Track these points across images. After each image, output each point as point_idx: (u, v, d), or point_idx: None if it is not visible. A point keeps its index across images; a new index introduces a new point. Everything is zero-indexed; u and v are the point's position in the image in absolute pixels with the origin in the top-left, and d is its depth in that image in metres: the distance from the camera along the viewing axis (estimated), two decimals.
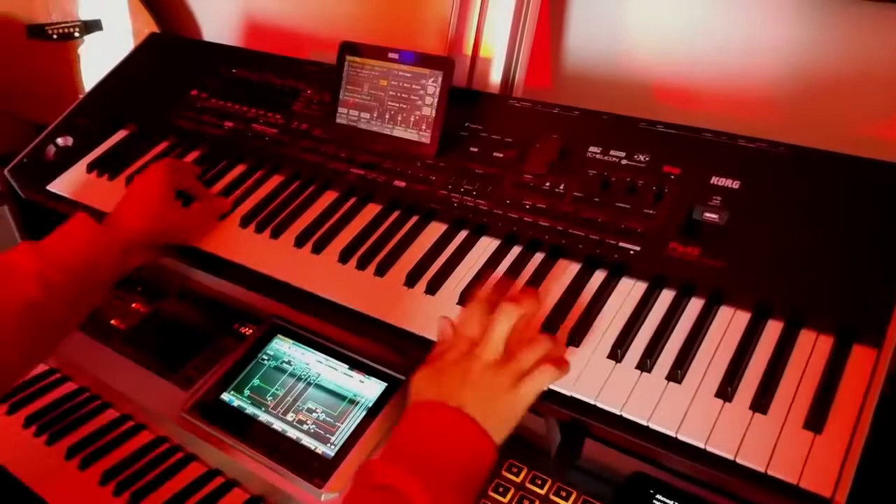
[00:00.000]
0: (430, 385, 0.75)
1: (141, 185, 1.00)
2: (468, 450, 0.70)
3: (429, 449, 0.69)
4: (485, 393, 0.72)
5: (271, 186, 1.09)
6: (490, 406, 0.72)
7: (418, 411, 0.73)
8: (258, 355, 1.07)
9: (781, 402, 0.72)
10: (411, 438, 0.71)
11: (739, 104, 1.10)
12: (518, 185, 0.96)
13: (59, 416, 1.06)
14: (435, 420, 0.72)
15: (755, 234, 0.83)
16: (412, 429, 0.72)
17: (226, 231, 1.04)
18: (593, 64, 1.23)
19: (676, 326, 0.80)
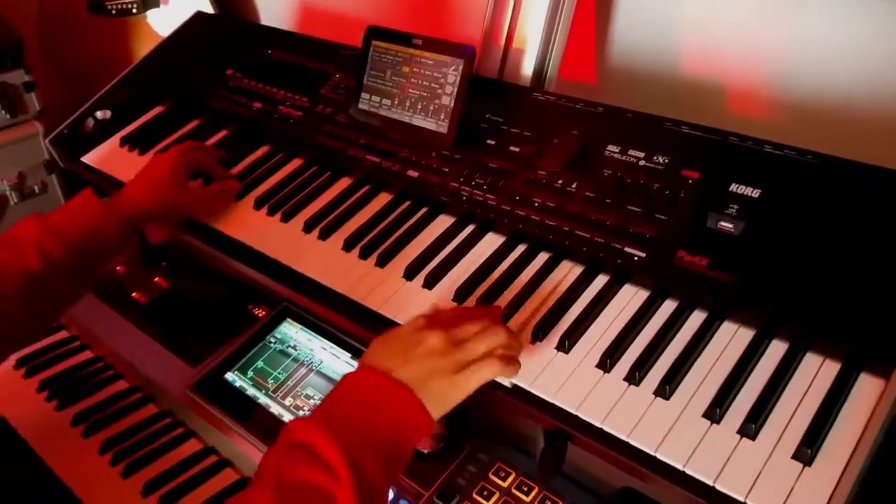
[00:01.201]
0: (376, 352, 0.75)
1: (153, 164, 1.03)
2: (391, 414, 0.69)
3: (352, 411, 0.69)
4: (423, 370, 0.72)
5: (289, 170, 1.10)
6: (426, 382, 0.71)
7: (352, 376, 0.73)
8: (266, 337, 1.09)
9: (773, 429, 0.68)
10: (339, 401, 0.71)
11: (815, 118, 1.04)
12: (530, 181, 0.94)
13: (72, 384, 1.10)
14: (365, 385, 0.71)
15: (769, 248, 0.79)
16: (343, 392, 0.72)
17: (240, 212, 1.06)
18: (639, 61, 1.19)
19: (673, 340, 0.77)
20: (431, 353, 0.73)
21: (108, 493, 0.96)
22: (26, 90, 1.54)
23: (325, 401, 0.72)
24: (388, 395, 0.70)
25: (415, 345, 0.74)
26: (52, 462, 0.98)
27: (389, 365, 0.72)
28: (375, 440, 0.67)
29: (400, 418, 0.70)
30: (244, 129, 1.19)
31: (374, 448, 0.67)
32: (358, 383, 0.72)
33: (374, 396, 0.70)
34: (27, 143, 1.57)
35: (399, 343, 0.75)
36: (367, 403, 0.70)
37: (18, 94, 1.54)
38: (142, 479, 0.96)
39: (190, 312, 1.17)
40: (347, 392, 0.71)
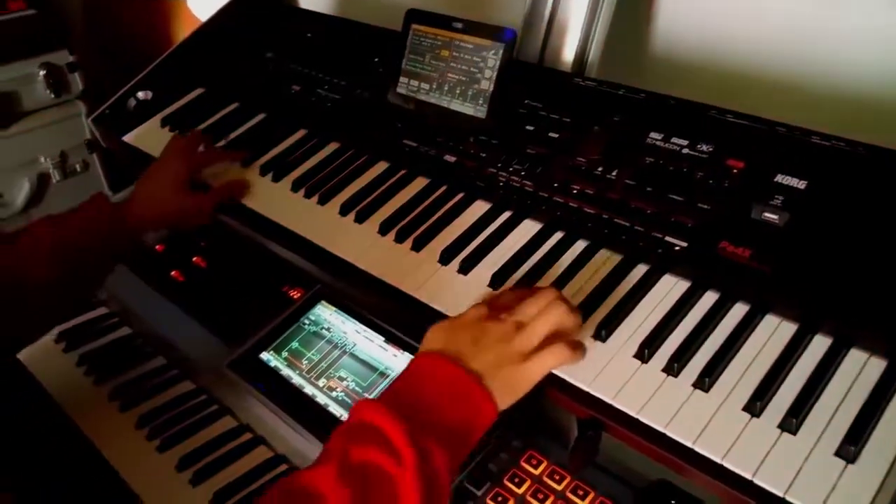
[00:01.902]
0: (441, 339, 0.74)
1: (156, 174, 1.05)
2: (462, 403, 0.69)
3: (421, 397, 0.69)
4: (494, 358, 0.71)
5: (326, 153, 1.10)
6: (497, 371, 0.71)
7: (422, 361, 0.73)
8: (301, 319, 1.09)
9: (815, 425, 0.67)
10: (408, 385, 0.71)
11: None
12: (569, 168, 0.93)
13: (111, 359, 1.12)
14: (435, 371, 0.71)
15: (815, 240, 0.77)
16: (413, 375, 0.72)
17: (278, 194, 1.06)
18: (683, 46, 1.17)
19: (714, 332, 0.76)
20: (499, 340, 0.72)
21: (144, 466, 0.97)
22: (70, 70, 1.57)
23: (394, 383, 0.71)
24: (458, 384, 0.69)
25: (482, 333, 0.73)
26: (92, 435, 1.00)
27: (460, 352, 0.71)
28: (443, 427, 0.67)
29: (468, 407, 0.69)
30: (282, 112, 1.19)
31: (441, 435, 0.66)
32: (429, 369, 0.71)
33: (445, 383, 0.70)
34: (70, 123, 1.59)
35: (466, 331, 0.74)
36: (438, 390, 0.69)
37: (62, 75, 1.56)
38: (177, 453, 0.96)
39: (226, 292, 1.18)
40: (418, 376, 0.71)
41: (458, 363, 0.70)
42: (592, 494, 0.84)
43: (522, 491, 0.86)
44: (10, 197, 1.56)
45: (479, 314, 0.75)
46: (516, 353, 0.72)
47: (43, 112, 1.58)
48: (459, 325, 0.75)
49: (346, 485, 0.61)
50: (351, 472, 0.62)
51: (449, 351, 0.72)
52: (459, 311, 0.84)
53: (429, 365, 0.72)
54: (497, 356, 0.71)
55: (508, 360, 0.71)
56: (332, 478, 0.61)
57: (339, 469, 0.62)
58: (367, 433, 0.65)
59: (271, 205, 1.04)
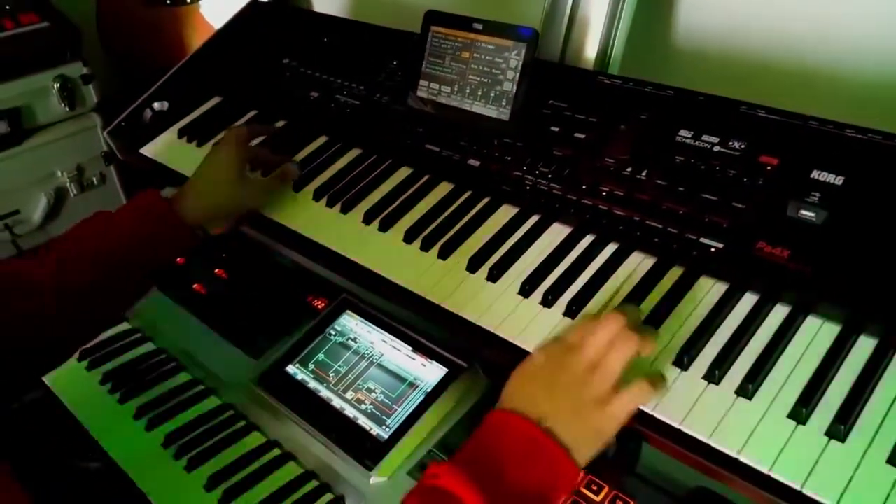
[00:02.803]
0: (520, 391, 0.71)
1: (211, 160, 1.02)
2: (540, 466, 0.66)
3: (498, 459, 0.66)
4: (570, 409, 0.68)
5: (348, 160, 1.10)
6: (574, 424, 0.68)
7: (496, 419, 0.70)
8: (326, 330, 1.09)
9: (864, 432, 0.65)
10: (486, 447, 0.68)
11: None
12: (597, 169, 0.91)
13: (135, 376, 1.11)
14: (509, 432, 0.68)
15: (855, 238, 0.75)
16: (486, 437, 0.69)
17: (299, 203, 1.06)
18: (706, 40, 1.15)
19: (754, 336, 0.74)
20: (573, 387, 0.69)
21: (172, 486, 0.96)
22: (84, 82, 1.57)
23: (470, 444, 0.69)
24: (537, 448, 0.67)
25: (554, 381, 0.70)
26: (116, 455, 0.99)
27: (533, 407, 0.68)
28: (521, 493, 0.65)
29: (546, 469, 0.67)
30: (301, 118, 1.19)
31: (523, 500, 0.65)
32: (506, 430, 0.68)
33: (520, 444, 0.67)
34: (85, 135, 1.60)
35: (538, 381, 0.71)
36: (514, 450, 0.67)
37: (76, 87, 1.57)
38: (205, 472, 0.96)
39: (250, 304, 1.18)
40: (494, 438, 0.68)
41: (534, 423, 0.67)
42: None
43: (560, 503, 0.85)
44: (27, 213, 1.57)
45: (545, 358, 0.72)
46: (593, 399, 0.68)
47: (58, 125, 1.58)
48: (533, 374, 0.72)
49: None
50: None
51: (527, 409, 0.68)
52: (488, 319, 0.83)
53: (503, 424, 0.69)
54: (574, 407, 0.68)
55: (586, 410, 0.68)
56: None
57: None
58: (444, 500, 0.63)
59: (293, 215, 1.04)
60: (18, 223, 1.56)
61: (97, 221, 0.93)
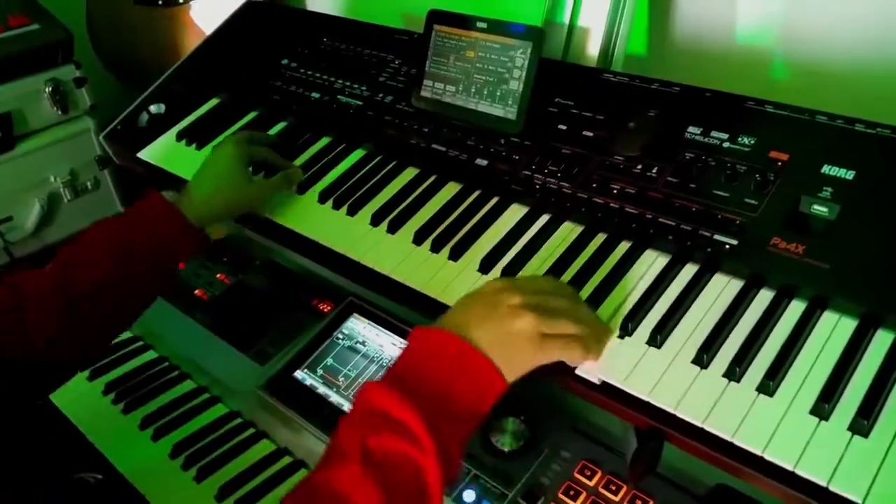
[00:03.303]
0: (457, 312, 0.73)
1: (214, 161, 1.02)
2: (468, 378, 0.68)
3: (427, 374, 0.68)
4: (503, 331, 0.70)
5: (353, 161, 1.09)
6: (504, 346, 0.69)
7: (425, 332, 0.71)
8: (334, 333, 1.08)
9: (887, 426, 0.65)
10: (413, 362, 0.70)
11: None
12: (607, 167, 0.91)
13: (138, 385, 1.11)
14: (438, 343, 0.70)
15: (870, 232, 0.76)
16: (415, 351, 0.71)
17: (305, 206, 1.05)
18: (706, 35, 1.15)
19: (773, 332, 0.75)
20: (513, 310, 0.70)
21: (182, 498, 0.96)
22: (77, 86, 1.55)
23: (397, 362, 0.70)
24: (461, 357, 0.68)
25: (496, 305, 0.71)
26: (124, 467, 0.98)
27: (465, 323, 0.70)
28: (452, 405, 0.67)
29: (475, 381, 0.68)
30: (303, 120, 1.18)
31: (451, 413, 0.66)
32: (431, 342, 0.70)
33: (446, 356, 0.69)
34: (79, 140, 1.58)
35: (479, 303, 0.73)
36: (442, 365, 0.68)
37: (69, 90, 1.55)
38: (215, 482, 0.96)
39: (254, 309, 1.17)
40: (420, 352, 0.70)
41: (462, 336, 0.69)
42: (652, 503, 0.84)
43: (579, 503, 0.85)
44: (20, 219, 1.55)
45: (494, 287, 0.74)
46: (527, 332, 0.70)
47: (50, 130, 1.56)
48: (475, 298, 0.74)
49: (372, 480, 0.60)
50: (373, 465, 0.61)
51: (459, 324, 0.70)
52: None
53: (433, 338, 0.70)
54: (506, 332, 0.70)
55: (517, 338, 0.70)
56: (357, 475, 0.61)
57: (362, 464, 0.61)
58: (382, 421, 0.64)
59: (299, 217, 1.03)
60: (11, 230, 1.54)
61: (102, 227, 0.92)
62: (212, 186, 0.98)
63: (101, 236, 0.91)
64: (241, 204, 1.01)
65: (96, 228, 0.92)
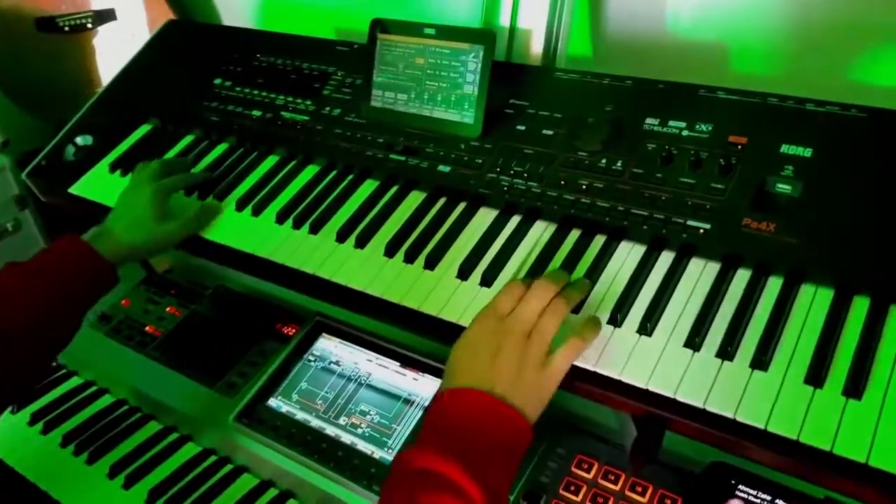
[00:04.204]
0: (463, 365, 0.76)
1: (130, 199, 1.03)
2: (499, 428, 0.71)
3: (460, 431, 0.70)
4: (514, 373, 0.73)
5: (306, 179, 1.08)
6: (520, 385, 0.73)
7: (448, 396, 0.74)
8: (304, 356, 1.07)
9: (877, 386, 0.70)
10: (441, 422, 0.72)
11: None
12: (572, 164, 0.94)
13: (99, 432, 1.07)
14: (464, 403, 0.72)
15: (834, 205, 0.81)
16: (442, 413, 0.73)
17: (263, 228, 1.03)
18: (637, 28, 1.20)
19: (756, 309, 0.79)
20: (513, 353, 0.74)
21: None
22: None
23: (429, 424, 0.73)
24: (489, 411, 0.71)
25: (497, 350, 0.74)
26: None
27: (483, 378, 0.73)
28: (492, 456, 0.69)
29: (505, 431, 0.71)
30: (247, 139, 1.16)
31: (493, 464, 0.69)
32: (463, 405, 0.72)
33: (477, 413, 0.71)
34: None
35: (480, 353, 0.75)
36: (473, 420, 0.71)
37: None
38: None
39: (213, 340, 1.15)
40: (452, 414, 0.72)
41: (484, 391, 0.72)
42: (651, 488, 0.87)
43: (581, 498, 0.87)
44: None
45: (484, 327, 0.77)
46: (533, 362, 0.74)
47: None
48: (473, 345, 0.76)
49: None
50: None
51: (474, 379, 0.73)
52: None
53: (458, 400, 0.73)
54: (518, 371, 0.73)
55: (527, 373, 0.73)
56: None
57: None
58: (427, 481, 0.66)
59: (257, 241, 1.01)
60: None
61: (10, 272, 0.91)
62: (129, 226, 1.00)
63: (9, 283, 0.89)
64: (160, 245, 1.02)
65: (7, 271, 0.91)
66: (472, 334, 0.78)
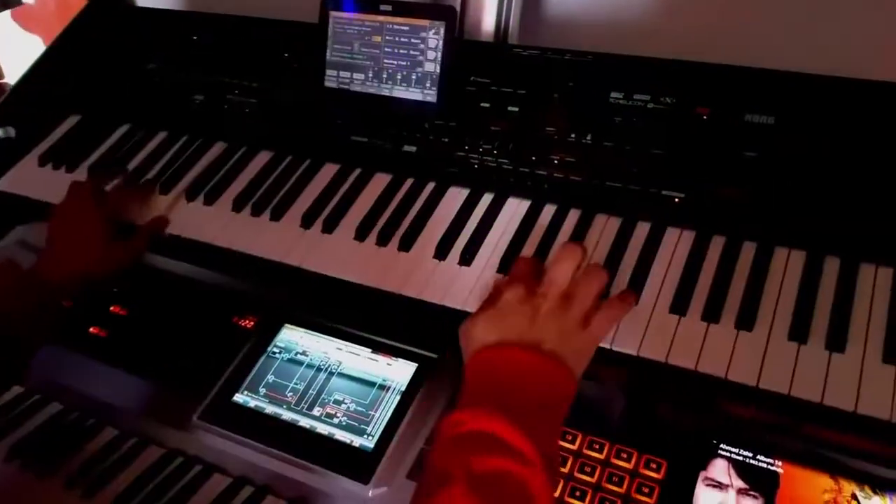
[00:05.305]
0: (494, 329, 0.75)
1: (74, 226, 0.99)
2: (549, 384, 0.72)
3: (509, 389, 0.71)
4: (558, 330, 0.74)
5: (260, 164, 1.07)
6: (566, 342, 0.74)
7: (488, 355, 0.74)
8: (267, 349, 1.05)
9: (856, 339, 0.75)
10: (488, 383, 0.72)
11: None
12: (541, 140, 0.97)
13: (49, 443, 1.01)
14: (510, 361, 0.73)
15: (800, 170, 0.87)
16: (487, 373, 0.73)
17: (219, 217, 1.01)
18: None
19: (735, 272, 0.83)
20: (554, 314, 0.74)
21: None
22: None
23: (474, 383, 0.72)
24: (540, 369, 0.72)
25: (534, 312, 0.75)
26: None
27: (525, 337, 0.73)
28: (542, 414, 0.70)
29: (555, 389, 0.72)
30: (189, 126, 1.13)
31: (545, 421, 0.70)
32: (505, 361, 0.73)
33: (528, 372, 0.72)
34: None
35: (516, 315, 0.75)
36: (524, 380, 0.71)
37: None
38: None
39: (164, 337, 1.11)
40: (497, 371, 0.72)
41: (529, 349, 0.72)
42: (636, 454, 0.90)
43: (568, 469, 0.89)
44: None
45: (517, 294, 0.77)
46: (576, 321, 0.75)
47: None
48: (505, 312, 0.76)
49: (480, 500, 0.62)
50: (481, 485, 0.63)
51: (515, 339, 0.73)
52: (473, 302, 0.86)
53: (503, 356, 0.73)
54: (560, 330, 0.74)
55: (572, 331, 0.74)
56: (464, 492, 0.62)
57: (468, 486, 0.62)
58: (479, 441, 0.66)
59: (215, 230, 0.99)
60: None
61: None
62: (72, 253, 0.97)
63: None
64: (106, 267, 1.01)
65: None
66: (507, 299, 0.76)
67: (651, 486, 0.81)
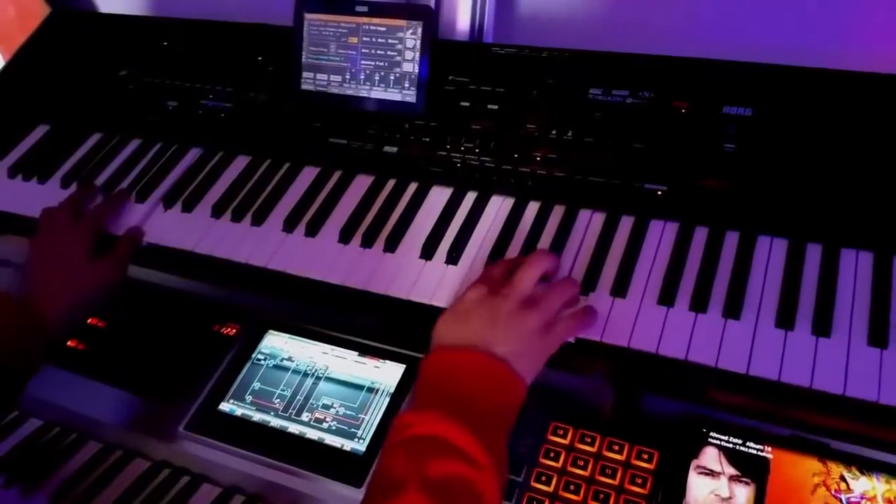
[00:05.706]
0: (456, 329, 0.77)
1: (52, 259, 0.98)
2: (500, 388, 0.73)
3: (459, 392, 0.72)
4: (514, 336, 0.75)
5: (238, 168, 1.06)
6: (521, 347, 0.75)
7: (441, 357, 0.75)
8: (252, 356, 1.05)
9: (842, 324, 0.77)
10: (439, 385, 0.74)
11: None
12: (523, 137, 0.98)
13: (31, 460, 1.00)
14: (462, 364, 0.74)
15: (779, 160, 0.89)
16: (439, 375, 0.74)
17: (198, 223, 1.01)
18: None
19: (720, 262, 0.85)
20: (513, 318, 0.76)
21: None
22: None
23: (427, 384, 0.74)
24: (492, 373, 0.73)
25: (495, 314, 0.76)
26: None
27: (482, 340, 0.74)
28: (491, 419, 0.71)
29: (505, 393, 0.73)
30: (162, 133, 1.13)
31: (494, 426, 0.71)
32: (458, 362, 0.74)
33: (480, 375, 0.73)
34: None
35: (478, 316, 0.77)
36: (475, 382, 0.73)
37: None
38: None
39: (144, 348, 1.10)
40: (449, 372, 0.73)
41: (483, 352, 0.74)
42: (627, 446, 0.91)
43: (561, 463, 0.90)
44: None
45: (480, 294, 0.79)
46: (535, 328, 0.76)
47: None
48: (465, 312, 0.78)
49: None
50: (434, 490, 0.64)
51: (471, 341, 0.75)
52: None
53: (456, 359, 0.74)
54: (517, 335, 0.76)
55: (528, 337, 0.76)
56: (419, 499, 0.63)
57: (423, 492, 0.63)
58: (431, 445, 0.67)
59: (194, 238, 0.99)
60: None
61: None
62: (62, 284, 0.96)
63: None
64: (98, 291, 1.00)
65: None
66: (469, 299, 0.79)
67: (644, 476, 0.82)
